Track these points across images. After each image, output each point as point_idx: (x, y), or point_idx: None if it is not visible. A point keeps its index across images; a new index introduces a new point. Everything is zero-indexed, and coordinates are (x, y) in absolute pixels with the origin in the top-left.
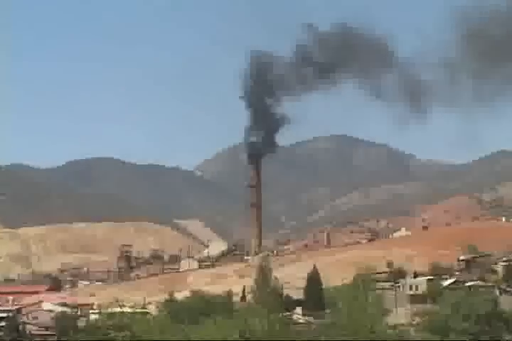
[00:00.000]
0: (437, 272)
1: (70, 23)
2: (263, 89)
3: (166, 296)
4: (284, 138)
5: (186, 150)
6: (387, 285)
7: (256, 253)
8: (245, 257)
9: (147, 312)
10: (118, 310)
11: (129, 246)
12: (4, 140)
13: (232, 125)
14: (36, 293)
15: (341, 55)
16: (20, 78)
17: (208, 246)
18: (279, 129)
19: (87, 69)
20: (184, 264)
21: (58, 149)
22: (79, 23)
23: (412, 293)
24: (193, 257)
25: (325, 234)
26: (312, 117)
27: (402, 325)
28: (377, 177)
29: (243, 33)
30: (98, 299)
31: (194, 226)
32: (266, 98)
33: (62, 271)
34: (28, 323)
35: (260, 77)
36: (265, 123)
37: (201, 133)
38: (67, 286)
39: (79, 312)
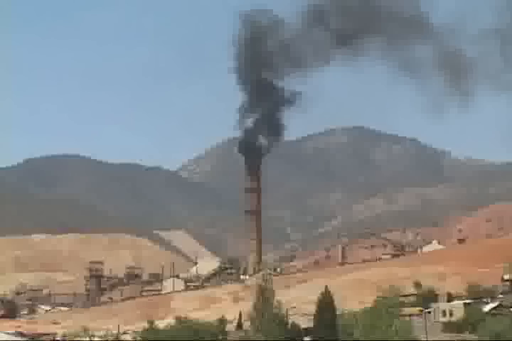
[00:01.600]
0: (476, 294)
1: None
2: (261, 61)
3: (146, 324)
4: (289, 130)
5: (170, 146)
6: (415, 310)
7: (255, 272)
8: (242, 277)
9: None
10: None
11: (100, 263)
12: None
13: (226, 115)
14: None
15: (364, 20)
16: None
17: (196, 263)
18: (281, 117)
19: (42, 54)
20: (167, 285)
21: (14, 145)
22: None
23: (445, 320)
24: (177, 276)
25: (339, 248)
26: (324, 103)
27: None
28: (402, 179)
29: None
30: (62, 328)
31: (179, 238)
32: (264, 73)
33: (18, 294)
34: None
35: (257, 44)
36: (264, 107)
37: (188, 124)
38: (24, 312)
39: None
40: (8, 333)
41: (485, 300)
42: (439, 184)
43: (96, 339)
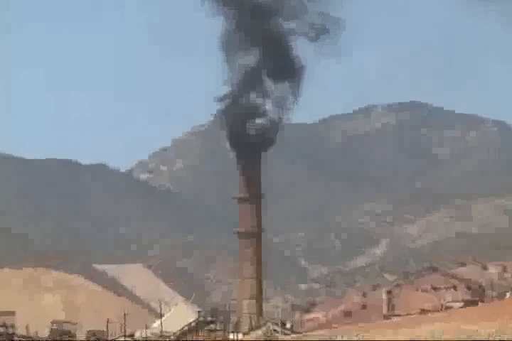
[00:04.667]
0: None
1: None
2: None
3: None
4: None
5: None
6: None
7: (252, 329)
8: (231, 336)
9: None
10: None
11: (11, 313)
12: None
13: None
14: None
15: None
16: None
17: (162, 315)
18: (289, 85)
19: None
20: None
21: None
22: None
23: None
24: (132, 336)
25: (384, 291)
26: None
27: None
28: (480, 183)
29: None
30: None
31: (134, 275)
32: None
33: None
34: None
35: None
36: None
37: (149, 106)
38: None
39: None
40: None
41: None
42: None
43: None
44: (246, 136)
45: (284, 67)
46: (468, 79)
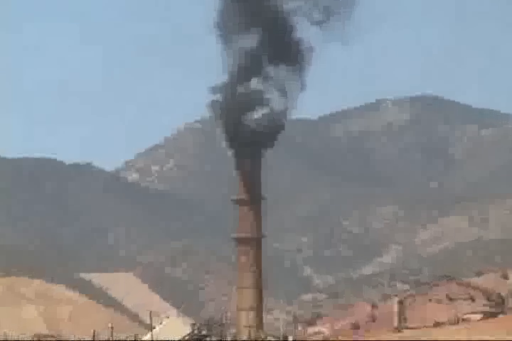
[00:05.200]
0: None
1: None
2: None
3: None
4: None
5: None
6: None
7: None
8: None
9: None
10: None
11: None
12: None
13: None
14: None
15: None
16: None
17: (153, 327)
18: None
19: None
20: None
21: None
22: None
23: None
24: None
25: (395, 302)
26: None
27: None
28: (501, 182)
29: None
30: None
31: (122, 284)
32: None
33: None
34: None
35: None
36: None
37: (138, 100)
38: None
39: None
40: None
41: None
42: None
43: None
44: (245, 130)
45: (287, 50)
46: (489, 70)
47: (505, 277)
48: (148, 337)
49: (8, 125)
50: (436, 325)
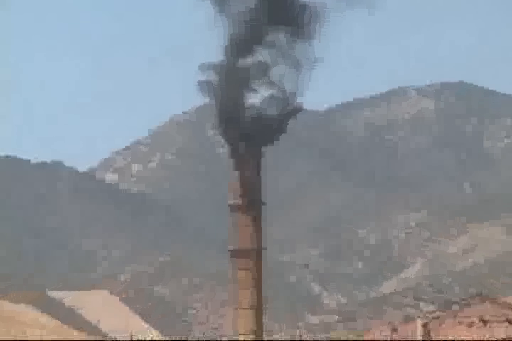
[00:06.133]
0: None
1: None
2: None
3: None
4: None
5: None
6: None
7: None
8: None
9: None
10: None
11: None
12: None
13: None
14: None
15: None
16: None
17: None
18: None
19: None
20: None
21: None
22: None
23: None
24: None
25: (418, 324)
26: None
27: None
28: None
29: None
30: None
31: (98, 304)
32: None
33: None
34: None
35: None
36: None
37: (117, 91)
38: None
39: None
40: None
41: None
42: None
43: None
44: (245, 120)
45: (295, 17)
46: None
47: None
48: None
49: None
50: None
